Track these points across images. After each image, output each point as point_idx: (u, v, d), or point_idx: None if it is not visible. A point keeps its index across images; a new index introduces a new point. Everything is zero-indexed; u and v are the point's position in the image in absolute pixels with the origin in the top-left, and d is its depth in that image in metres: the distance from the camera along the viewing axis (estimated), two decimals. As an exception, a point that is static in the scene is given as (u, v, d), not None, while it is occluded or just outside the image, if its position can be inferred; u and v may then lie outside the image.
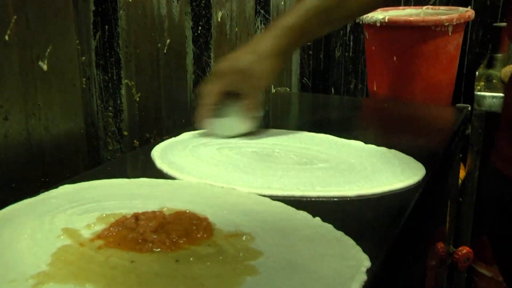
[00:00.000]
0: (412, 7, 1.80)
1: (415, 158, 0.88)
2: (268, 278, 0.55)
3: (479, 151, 1.49)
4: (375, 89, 1.65)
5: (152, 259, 0.59)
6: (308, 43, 1.91)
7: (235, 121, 0.98)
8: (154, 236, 0.62)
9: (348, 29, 2.08)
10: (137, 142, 1.09)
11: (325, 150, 0.94)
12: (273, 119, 1.28)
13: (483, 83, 1.53)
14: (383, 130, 1.13)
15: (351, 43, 2.09)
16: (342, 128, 1.10)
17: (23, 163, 0.85)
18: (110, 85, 1.02)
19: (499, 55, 1.77)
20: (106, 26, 1.00)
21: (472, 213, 1.53)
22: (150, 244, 0.61)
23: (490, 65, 1.77)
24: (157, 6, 1.11)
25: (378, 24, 1.54)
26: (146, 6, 1.08)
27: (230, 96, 0.96)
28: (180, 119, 1.23)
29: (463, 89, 1.93)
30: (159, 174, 0.84)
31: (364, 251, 0.60)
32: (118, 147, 1.05)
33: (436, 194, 0.93)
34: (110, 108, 1.04)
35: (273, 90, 1.55)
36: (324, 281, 0.54)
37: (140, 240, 0.62)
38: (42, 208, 0.73)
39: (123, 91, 1.04)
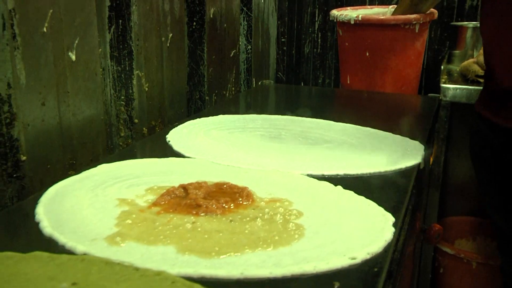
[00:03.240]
0: (379, 6, 1.94)
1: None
2: (315, 232, 0.65)
3: (444, 137, 1.63)
4: (348, 82, 1.77)
5: (210, 220, 0.67)
6: (282, 40, 2.02)
7: None
8: (206, 202, 0.71)
9: (316, 26, 2.20)
10: (146, 130, 1.17)
11: (326, 132, 1.05)
12: (265, 106, 1.38)
13: (446, 76, 1.68)
14: (369, 116, 1.25)
15: (319, 40, 2.21)
16: (330, 116, 1.20)
17: (56, 147, 0.92)
18: (122, 75, 1.10)
19: (457, 51, 1.93)
20: (120, 20, 1.08)
21: (439, 196, 1.68)
22: (205, 207, 0.69)
23: (449, 61, 1.92)
24: (161, 2, 1.19)
25: (352, 22, 1.66)
26: (153, 1, 1.15)
27: None
28: (180, 109, 1.31)
29: (424, 81, 2.08)
30: (180, 156, 0.93)
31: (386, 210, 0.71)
32: (129, 133, 1.13)
33: (423, 175, 1.05)
34: (122, 97, 1.11)
35: (258, 83, 1.65)
36: (363, 232, 0.65)
37: (194, 205, 0.70)
38: (90, 184, 0.80)
39: (134, 81, 1.11)
